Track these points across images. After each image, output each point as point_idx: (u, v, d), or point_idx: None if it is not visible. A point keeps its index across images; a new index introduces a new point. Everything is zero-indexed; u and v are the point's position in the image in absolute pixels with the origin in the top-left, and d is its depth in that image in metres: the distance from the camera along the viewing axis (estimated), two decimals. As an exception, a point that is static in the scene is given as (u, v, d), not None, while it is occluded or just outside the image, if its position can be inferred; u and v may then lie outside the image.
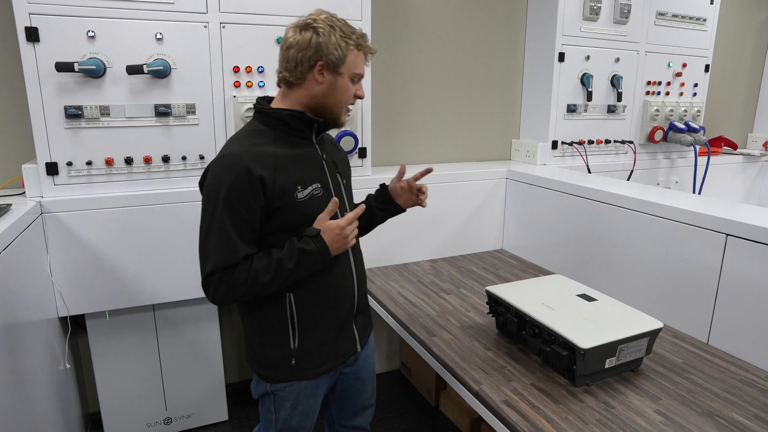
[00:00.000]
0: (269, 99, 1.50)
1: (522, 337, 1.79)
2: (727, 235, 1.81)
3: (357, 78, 1.45)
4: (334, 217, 1.44)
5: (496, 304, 1.89)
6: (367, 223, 1.74)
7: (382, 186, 1.76)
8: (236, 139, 1.42)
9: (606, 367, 1.60)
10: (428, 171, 1.73)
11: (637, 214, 2.14)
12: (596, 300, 1.82)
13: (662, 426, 1.42)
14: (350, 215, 1.43)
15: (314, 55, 1.37)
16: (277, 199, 1.35)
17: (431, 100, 2.99)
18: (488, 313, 1.95)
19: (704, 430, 1.41)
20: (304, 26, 1.39)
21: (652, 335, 1.66)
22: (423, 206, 1.75)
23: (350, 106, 1.49)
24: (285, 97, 1.45)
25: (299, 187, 1.39)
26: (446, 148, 3.12)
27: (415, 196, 1.73)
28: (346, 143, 2.36)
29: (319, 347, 1.50)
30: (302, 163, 1.43)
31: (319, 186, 1.44)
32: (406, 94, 2.91)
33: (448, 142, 3.11)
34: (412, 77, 2.90)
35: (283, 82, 1.43)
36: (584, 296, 1.84)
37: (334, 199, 1.41)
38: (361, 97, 1.49)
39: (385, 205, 1.73)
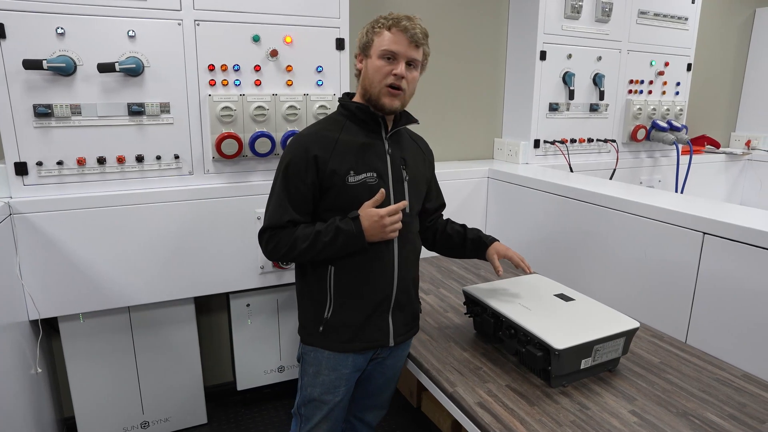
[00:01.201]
0: (352, 95, 1.64)
1: (499, 337, 1.77)
2: (704, 233, 1.81)
3: (387, 54, 1.49)
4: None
5: (473, 305, 1.88)
6: (457, 251, 1.87)
7: (483, 241, 1.82)
8: (313, 124, 1.61)
9: (582, 367, 1.58)
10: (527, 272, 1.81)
11: (615, 213, 2.13)
12: (573, 300, 1.81)
13: (636, 427, 1.41)
14: (391, 207, 1.50)
15: (356, 47, 1.57)
16: (327, 178, 1.49)
17: (413, 100, 2.95)
18: (465, 314, 1.93)
19: (678, 431, 1.39)
20: None
21: (629, 335, 1.65)
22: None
23: (394, 89, 1.50)
24: (357, 91, 1.61)
25: (352, 172, 1.50)
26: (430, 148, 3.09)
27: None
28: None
29: (347, 325, 1.58)
30: (362, 151, 1.53)
31: (375, 175, 1.53)
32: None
33: (431, 141, 3.03)
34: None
35: (357, 78, 1.61)
36: (562, 296, 1.83)
37: (382, 190, 1.50)
38: (397, 75, 1.48)
39: (476, 252, 1.84)
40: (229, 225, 2.26)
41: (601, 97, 3.11)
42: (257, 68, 2.22)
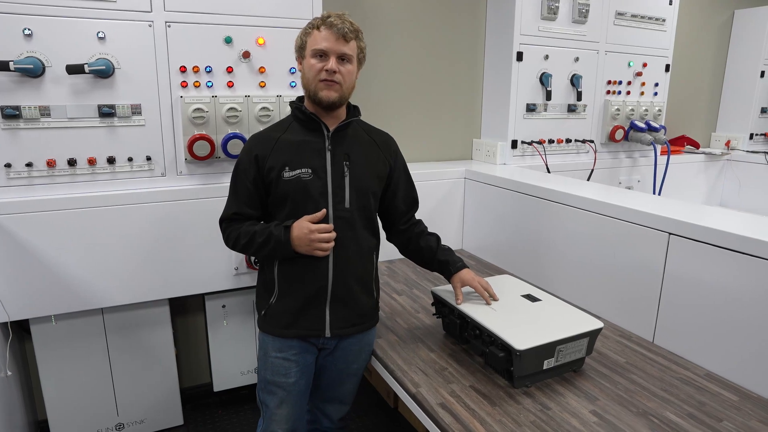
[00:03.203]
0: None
1: (466, 338, 1.78)
2: (670, 234, 1.82)
3: (319, 53, 1.56)
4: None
5: (441, 306, 1.88)
6: (425, 266, 1.90)
7: (449, 268, 1.82)
8: (266, 127, 1.76)
9: (545, 368, 1.59)
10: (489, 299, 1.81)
11: (585, 213, 2.14)
12: (540, 300, 1.82)
13: (595, 427, 1.42)
14: (322, 226, 1.58)
15: (295, 50, 1.67)
16: (266, 175, 1.61)
17: (392, 100, 2.97)
18: (434, 315, 1.94)
19: (636, 430, 1.41)
20: None
21: (592, 335, 1.66)
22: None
23: (326, 82, 1.57)
24: None
25: (287, 168, 1.60)
26: (408, 148, 3.08)
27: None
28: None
29: (285, 312, 1.68)
30: (299, 148, 1.63)
31: (309, 171, 1.61)
32: (365, 94, 2.88)
33: (411, 142, 3.09)
34: (372, 78, 2.88)
35: None
36: (529, 297, 1.84)
37: (324, 210, 1.60)
38: (329, 70, 1.55)
39: (442, 273, 1.87)
40: (203, 226, 2.25)
41: (579, 98, 3.13)
42: (230, 70, 2.22)
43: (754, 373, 1.61)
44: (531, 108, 3.01)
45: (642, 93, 3.42)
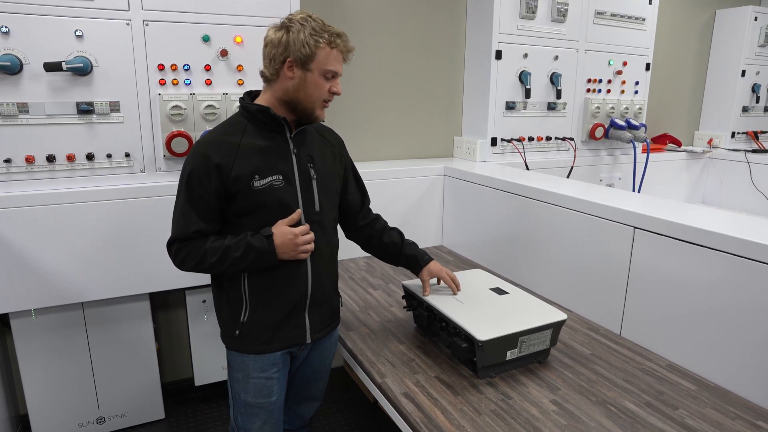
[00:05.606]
0: (255, 94, 1.61)
1: (434, 330, 1.82)
2: (635, 228, 1.86)
3: (330, 75, 1.51)
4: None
5: (411, 299, 1.92)
6: (392, 261, 1.90)
7: (418, 261, 1.86)
8: (215, 128, 1.58)
9: (508, 358, 1.63)
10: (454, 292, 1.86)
11: (557, 209, 2.18)
12: (507, 293, 1.85)
13: (554, 415, 1.46)
14: (303, 227, 1.53)
15: (284, 52, 1.47)
16: (232, 184, 1.47)
17: (373, 99, 3.00)
18: (404, 308, 1.98)
19: (593, 418, 1.45)
20: (281, 25, 1.50)
21: (556, 327, 1.70)
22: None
23: (327, 102, 1.56)
24: (265, 91, 1.57)
25: (257, 176, 1.49)
26: (390, 146, 3.14)
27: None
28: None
29: (264, 326, 1.59)
30: (266, 154, 1.52)
31: (280, 177, 1.53)
32: (346, 93, 2.91)
33: (392, 140, 3.13)
34: (352, 76, 2.91)
35: (262, 77, 1.56)
36: (497, 290, 1.88)
37: (299, 210, 1.54)
38: (336, 93, 1.55)
39: (410, 268, 1.89)
40: (181, 222, 2.28)
41: (558, 96, 3.16)
42: (207, 68, 2.25)
43: (712, 363, 1.65)
44: (510, 106, 3.05)
45: (622, 91, 3.45)
